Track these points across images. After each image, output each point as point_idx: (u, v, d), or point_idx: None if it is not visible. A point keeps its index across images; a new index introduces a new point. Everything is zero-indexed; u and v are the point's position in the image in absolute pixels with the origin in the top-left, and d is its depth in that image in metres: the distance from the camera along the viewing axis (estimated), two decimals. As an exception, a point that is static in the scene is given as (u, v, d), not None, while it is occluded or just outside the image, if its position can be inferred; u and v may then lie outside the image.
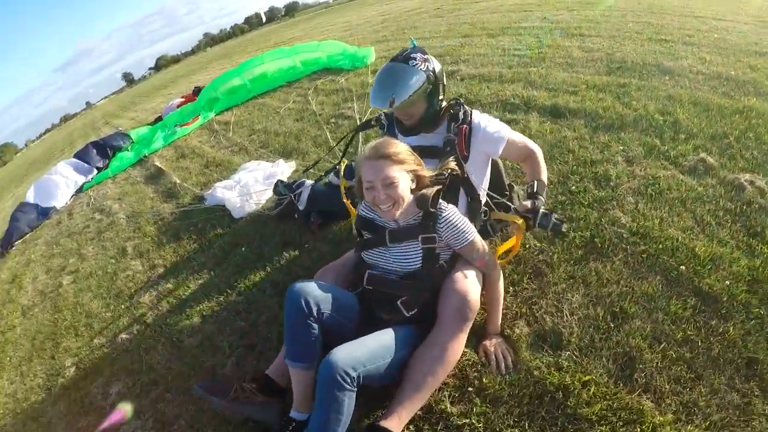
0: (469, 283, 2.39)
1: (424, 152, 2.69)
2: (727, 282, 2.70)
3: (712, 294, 2.66)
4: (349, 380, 2.00)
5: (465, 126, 2.80)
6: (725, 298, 2.61)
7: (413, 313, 2.43)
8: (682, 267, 2.85)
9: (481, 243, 2.53)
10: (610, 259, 3.03)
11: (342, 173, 3.68)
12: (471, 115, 2.85)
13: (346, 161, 3.83)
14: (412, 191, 2.47)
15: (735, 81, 5.45)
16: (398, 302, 2.43)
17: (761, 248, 2.92)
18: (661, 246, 3.03)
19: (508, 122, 5.07)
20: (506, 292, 2.63)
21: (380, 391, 2.39)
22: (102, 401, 3.18)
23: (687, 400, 2.19)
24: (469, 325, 2.38)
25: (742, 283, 2.68)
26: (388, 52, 10.74)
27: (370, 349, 2.19)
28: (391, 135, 3.00)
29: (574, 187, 3.80)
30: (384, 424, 2.13)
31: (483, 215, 2.95)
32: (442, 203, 2.47)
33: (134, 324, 3.87)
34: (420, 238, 2.44)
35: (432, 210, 2.42)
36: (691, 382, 2.26)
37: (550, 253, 3.17)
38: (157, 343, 3.50)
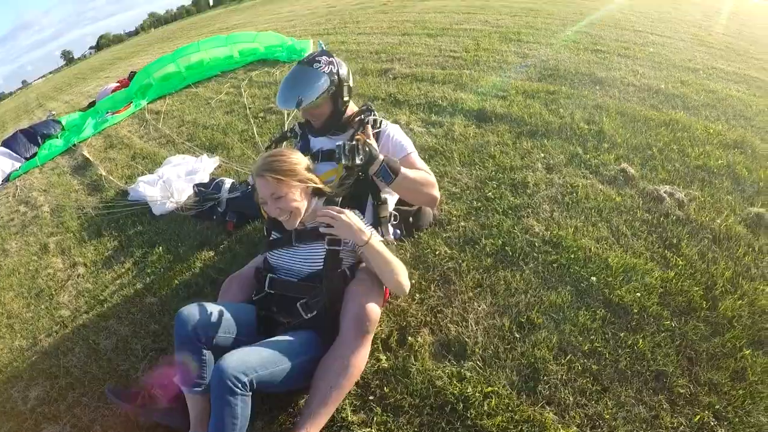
0: (369, 294, 2.39)
1: (331, 154, 2.76)
2: (639, 294, 2.70)
3: (622, 305, 2.65)
4: (240, 385, 1.96)
5: (374, 132, 2.86)
6: (636, 310, 2.61)
7: (312, 315, 2.39)
8: (593, 278, 2.84)
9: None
10: (520, 268, 2.99)
11: None
12: (381, 123, 2.94)
13: None
14: (320, 195, 2.54)
15: (664, 94, 5.58)
16: (297, 304, 2.40)
17: (676, 260, 2.94)
18: (573, 256, 3.02)
19: (433, 124, 5.11)
20: (412, 299, 2.57)
21: (286, 397, 2.42)
22: (22, 406, 3.04)
23: (592, 412, 2.17)
24: (370, 337, 2.38)
25: (654, 295, 2.69)
26: (326, 45, 10.56)
27: (264, 355, 2.15)
28: (305, 140, 3.11)
29: (490, 194, 3.77)
30: None
31: (393, 219, 2.96)
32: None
33: (53, 325, 3.72)
34: (327, 239, 2.45)
35: None
36: (596, 394, 2.24)
37: (460, 261, 3.13)
38: (75, 345, 3.38)
